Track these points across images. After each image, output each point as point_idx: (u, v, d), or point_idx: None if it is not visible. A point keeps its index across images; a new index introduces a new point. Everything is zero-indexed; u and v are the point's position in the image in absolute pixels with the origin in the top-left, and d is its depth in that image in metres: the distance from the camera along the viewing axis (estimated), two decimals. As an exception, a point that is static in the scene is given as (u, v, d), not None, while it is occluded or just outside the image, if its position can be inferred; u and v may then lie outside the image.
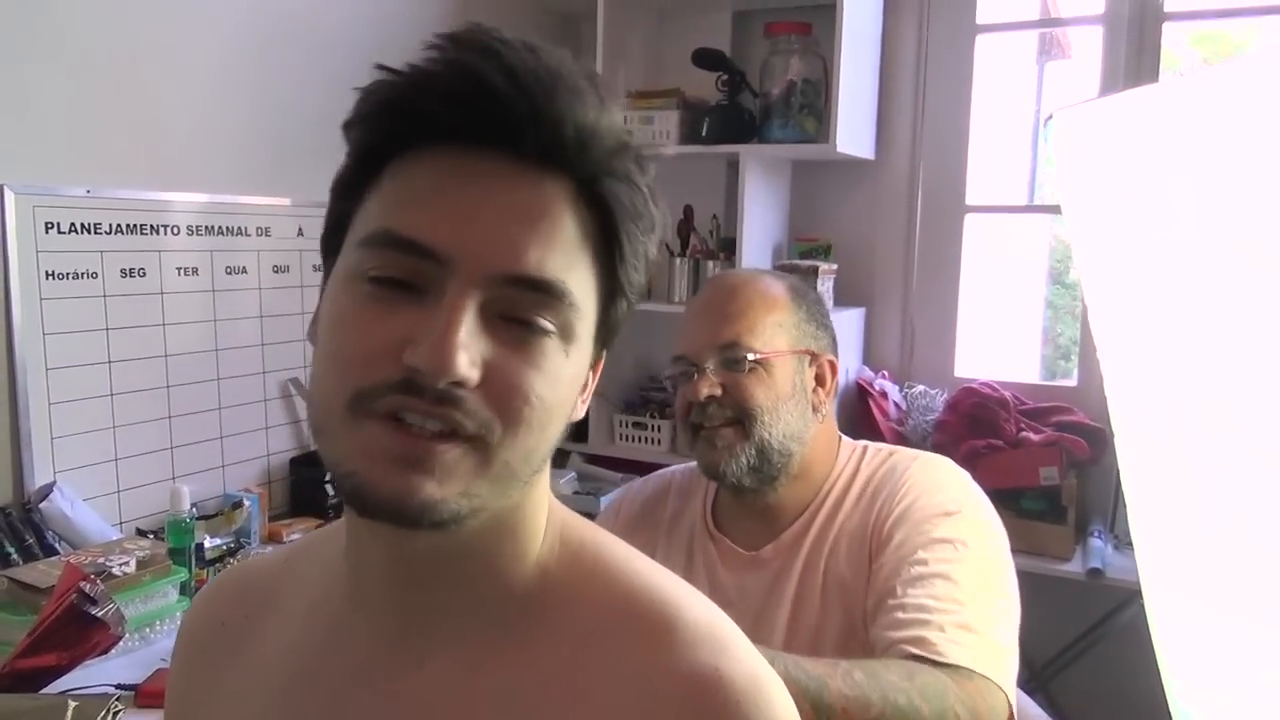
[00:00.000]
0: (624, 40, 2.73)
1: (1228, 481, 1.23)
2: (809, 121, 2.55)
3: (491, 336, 0.52)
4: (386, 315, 0.51)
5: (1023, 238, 4.49)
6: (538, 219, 0.52)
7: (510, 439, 0.52)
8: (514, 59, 0.51)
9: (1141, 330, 1.37)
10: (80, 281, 1.86)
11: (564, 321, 0.54)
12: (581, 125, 0.52)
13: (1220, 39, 4.83)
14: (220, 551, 1.95)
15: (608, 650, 0.58)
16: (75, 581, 1.41)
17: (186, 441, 2.08)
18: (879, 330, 2.80)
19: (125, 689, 1.45)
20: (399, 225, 0.52)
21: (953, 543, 1.11)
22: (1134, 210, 1.38)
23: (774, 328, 1.20)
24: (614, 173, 0.54)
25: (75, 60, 1.83)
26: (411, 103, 0.52)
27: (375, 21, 2.43)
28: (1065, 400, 2.53)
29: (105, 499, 1.93)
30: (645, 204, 0.56)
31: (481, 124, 0.51)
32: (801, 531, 1.22)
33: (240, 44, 2.14)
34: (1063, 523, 2.33)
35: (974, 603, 1.07)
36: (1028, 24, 3.17)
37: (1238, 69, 1.34)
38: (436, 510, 0.51)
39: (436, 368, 0.49)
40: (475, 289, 0.51)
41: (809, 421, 1.22)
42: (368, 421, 0.51)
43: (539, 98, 0.51)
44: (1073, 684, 2.52)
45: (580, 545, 0.63)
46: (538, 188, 0.53)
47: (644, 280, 0.59)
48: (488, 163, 0.52)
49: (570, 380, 0.56)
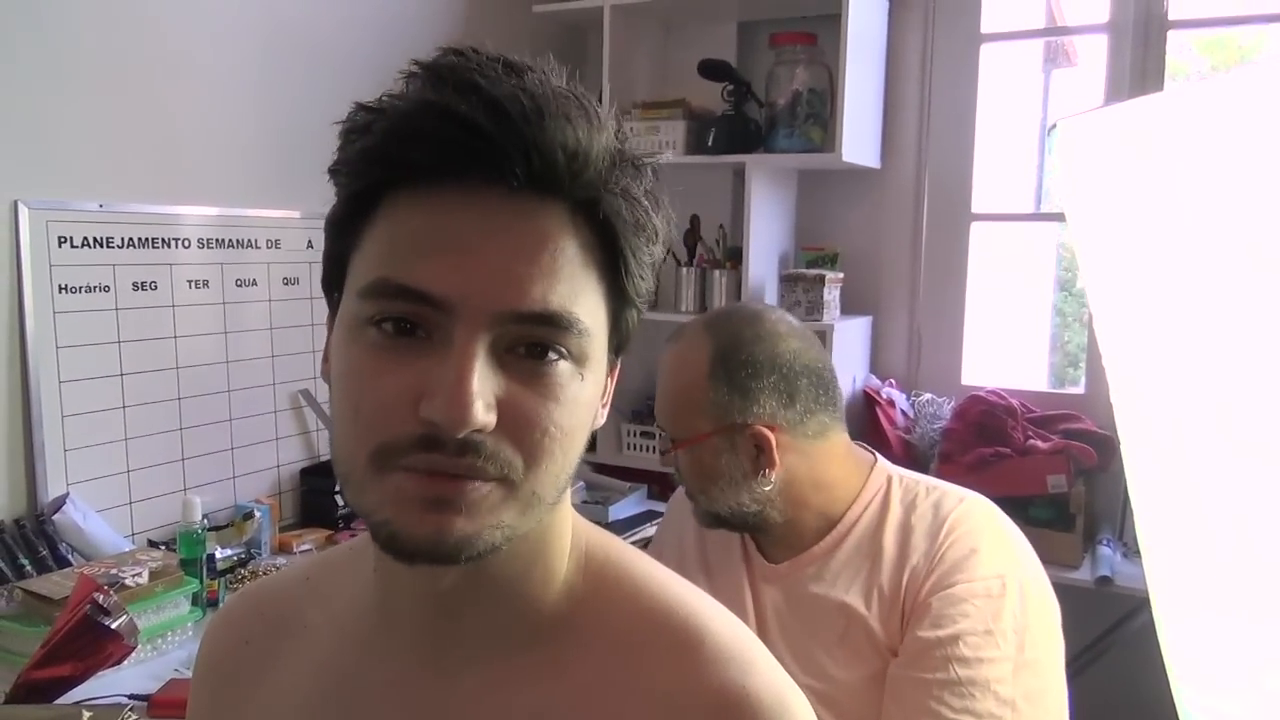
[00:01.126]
0: (630, 51, 2.75)
1: (1237, 486, 1.23)
2: (814, 131, 2.56)
3: (504, 373, 0.52)
4: (398, 366, 0.51)
5: (1030, 246, 4.49)
6: (538, 251, 0.51)
7: (534, 471, 0.52)
8: (496, 91, 0.50)
9: (1148, 337, 1.37)
10: (93, 295, 1.88)
11: (575, 347, 0.53)
12: (573, 150, 0.51)
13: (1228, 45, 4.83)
14: (231, 562, 1.96)
15: (636, 668, 0.58)
16: (88, 592, 1.42)
17: (198, 453, 2.10)
18: (886, 339, 2.81)
19: (138, 699, 1.46)
20: (398, 274, 0.51)
21: (994, 635, 1.05)
22: (1140, 218, 1.38)
23: (691, 412, 1.17)
24: (611, 190, 0.53)
25: (87, 77, 1.85)
26: (396, 152, 0.51)
27: (384, 34, 2.45)
28: (1073, 408, 2.53)
29: (117, 510, 1.95)
30: (646, 215, 0.55)
31: (470, 163, 0.50)
32: (823, 556, 1.18)
33: (250, 58, 2.16)
34: (1071, 531, 2.33)
35: (1014, 717, 1.03)
36: (1033, 33, 3.17)
37: (1244, 77, 1.34)
38: (471, 545, 0.51)
39: (453, 420, 0.49)
40: (482, 331, 0.50)
41: (753, 489, 1.17)
42: (394, 474, 0.51)
43: (526, 129, 0.50)
44: (1082, 692, 2.50)
45: (605, 561, 0.64)
46: (535, 218, 0.52)
47: (652, 287, 0.59)
48: (481, 199, 0.51)
49: (589, 401, 0.56)
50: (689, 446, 1.18)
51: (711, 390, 1.16)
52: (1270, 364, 1.21)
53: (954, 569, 1.09)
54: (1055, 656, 1.10)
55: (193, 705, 0.71)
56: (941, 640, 1.05)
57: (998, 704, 1.03)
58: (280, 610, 0.69)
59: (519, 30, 2.84)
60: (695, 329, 1.23)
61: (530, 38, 2.89)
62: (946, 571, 1.09)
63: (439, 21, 2.67)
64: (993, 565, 1.09)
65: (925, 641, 1.06)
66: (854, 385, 2.67)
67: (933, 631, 1.06)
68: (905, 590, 1.11)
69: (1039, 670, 1.07)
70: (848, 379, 2.62)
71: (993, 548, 1.11)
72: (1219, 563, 1.27)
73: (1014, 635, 1.06)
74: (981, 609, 1.06)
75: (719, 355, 1.18)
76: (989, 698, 1.03)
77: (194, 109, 2.05)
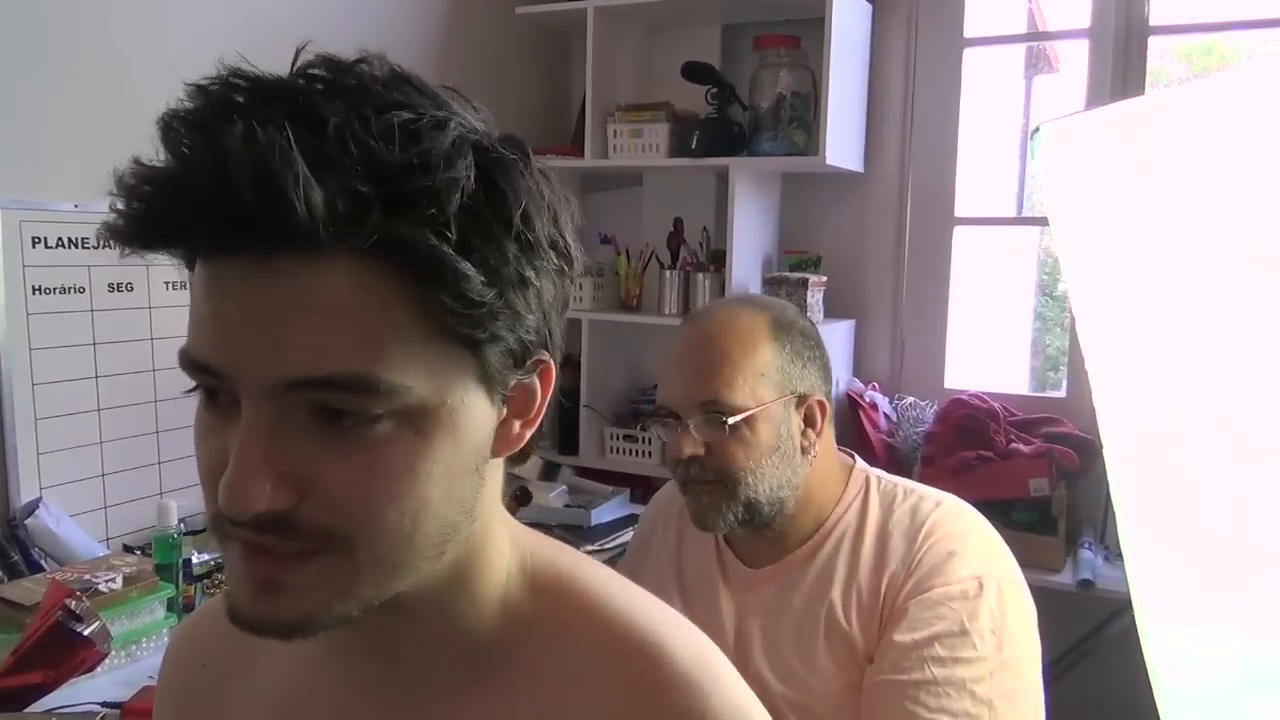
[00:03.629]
0: (614, 54, 2.74)
1: (1222, 487, 1.24)
2: (798, 134, 2.56)
3: (310, 442, 0.47)
4: (213, 431, 0.49)
5: (1012, 250, 4.52)
6: (303, 310, 0.45)
7: (366, 542, 0.48)
8: (187, 149, 0.45)
9: (1132, 340, 1.38)
10: (67, 296, 1.85)
11: (387, 405, 0.47)
12: (280, 207, 0.42)
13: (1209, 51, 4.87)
14: (208, 567, 1.93)
15: (591, 695, 0.56)
16: (60, 599, 1.40)
17: (175, 457, 2.07)
18: (869, 342, 2.81)
19: (111, 706, 1.43)
20: (189, 347, 0.48)
21: (970, 635, 1.05)
22: (1122, 221, 1.38)
23: (755, 378, 1.12)
24: (382, 234, 0.45)
25: (63, 75, 1.83)
26: (129, 232, 0.46)
27: (365, 36, 2.42)
28: (1054, 411, 2.54)
29: (92, 515, 1.92)
30: (440, 255, 0.45)
31: (194, 234, 0.45)
32: (805, 559, 1.18)
33: (228, 57, 2.14)
34: (1053, 534, 2.34)
35: (992, 716, 1.02)
36: (1015, 38, 3.19)
37: (1225, 81, 1.35)
38: (306, 625, 0.49)
39: (233, 508, 0.46)
40: (264, 403, 0.46)
41: (798, 467, 1.16)
42: (230, 543, 0.49)
43: (217, 193, 0.43)
44: (1064, 695, 2.51)
45: (555, 580, 0.60)
46: (299, 274, 0.45)
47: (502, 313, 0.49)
48: (244, 264, 0.45)
49: (441, 455, 0.49)
50: (751, 418, 1.12)
51: (774, 356, 1.14)
52: (1257, 365, 1.22)
53: (931, 573, 1.09)
54: (1032, 657, 1.09)
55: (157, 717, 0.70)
56: (918, 643, 1.05)
57: (974, 703, 1.02)
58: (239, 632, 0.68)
59: (502, 32, 2.83)
60: (731, 304, 1.19)
61: (513, 40, 2.87)
62: (924, 576, 1.09)
63: (421, 23, 2.65)
64: (969, 567, 1.09)
65: (901, 645, 1.06)
66: (837, 389, 2.66)
67: (909, 635, 1.06)
68: (884, 595, 1.10)
69: (1016, 671, 1.06)
70: (832, 385, 2.62)
71: (969, 550, 1.11)
72: (1202, 566, 1.27)
73: (991, 635, 1.05)
74: (958, 610, 1.06)
75: (776, 322, 1.16)
76: (965, 697, 1.02)
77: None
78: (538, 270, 0.50)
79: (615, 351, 2.89)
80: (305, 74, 0.49)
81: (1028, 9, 4.01)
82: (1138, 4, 2.42)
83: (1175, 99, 1.42)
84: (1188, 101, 1.41)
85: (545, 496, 2.48)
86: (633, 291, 2.78)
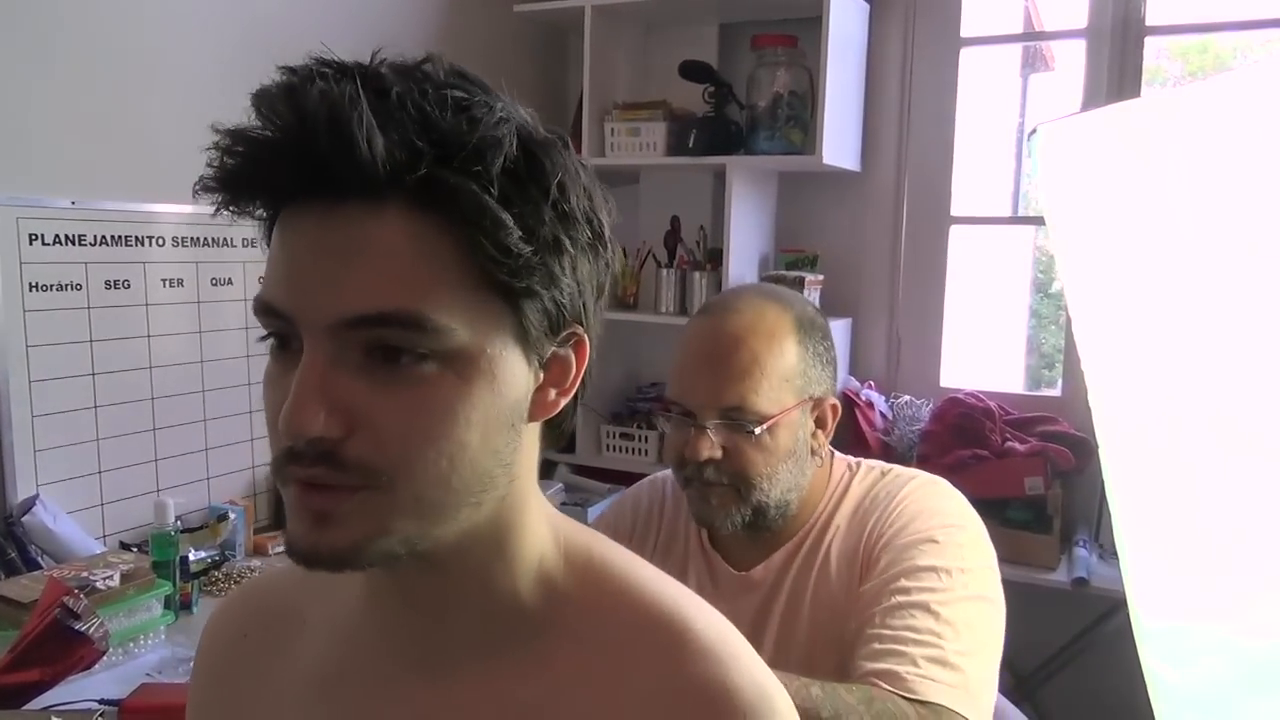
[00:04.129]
0: (611, 53, 2.74)
1: (1220, 486, 1.24)
2: (795, 133, 2.56)
3: (363, 380, 0.52)
4: (280, 380, 0.53)
5: (1008, 249, 4.53)
6: (362, 253, 0.51)
7: (406, 478, 0.52)
8: (271, 110, 0.50)
9: (1128, 340, 1.38)
10: (64, 293, 1.85)
11: (435, 345, 0.52)
12: (350, 153, 0.49)
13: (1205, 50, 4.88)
14: (205, 564, 1.94)
15: (621, 664, 0.59)
16: (58, 596, 1.40)
17: (171, 454, 2.07)
18: (865, 341, 2.82)
19: (109, 704, 1.43)
20: (262, 290, 0.54)
21: (937, 571, 1.08)
22: (1119, 222, 1.39)
23: (780, 384, 1.10)
24: (430, 181, 0.50)
25: (60, 72, 1.82)
26: (220, 186, 0.53)
27: (363, 33, 2.43)
28: (1050, 410, 2.55)
29: (89, 512, 1.92)
30: (487, 202, 0.51)
31: (274, 186, 0.52)
32: (792, 552, 1.19)
33: (226, 55, 2.14)
34: (1048, 532, 2.34)
35: (952, 636, 1.04)
36: (1012, 37, 3.19)
37: (1221, 83, 1.36)
38: (355, 556, 0.53)
39: (288, 432, 0.51)
40: (323, 339, 0.51)
41: (807, 470, 1.17)
42: (288, 486, 0.53)
43: (296, 144, 0.49)
44: (1059, 693, 2.53)
45: (587, 557, 0.64)
46: (360, 221, 0.51)
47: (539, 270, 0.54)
48: (312, 213, 0.52)
49: (479, 401, 0.54)
50: (773, 423, 1.10)
51: (799, 359, 1.12)
52: (1251, 363, 1.22)
53: (903, 528, 1.12)
54: (993, 604, 1.12)
55: (192, 697, 0.73)
56: (885, 581, 1.08)
57: (937, 622, 1.04)
58: (279, 606, 0.71)
59: (499, 30, 2.83)
60: (753, 297, 1.16)
61: (511, 38, 2.87)
62: (897, 531, 1.12)
63: (418, 20, 2.65)
64: (939, 519, 1.13)
65: (870, 589, 1.09)
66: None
67: (878, 579, 1.09)
68: (861, 551, 1.14)
69: (980, 609, 1.09)
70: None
71: (940, 507, 1.14)
72: (1197, 562, 1.28)
73: (958, 574, 1.08)
74: (925, 551, 1.09)
75: (800, 322, 1.14)
76: (928, 617, 1.05)
77: (169, 106, 2.02)
78: (572, 240, 0.55)
79: (612, 350, 2.89)
80: (378, 60, 0.54)
81: (1024, 8, 4.01)
82: (1134, 4, 2.43)
83: (1172, 101, 1.42)
84: (1185, 103, 1.42)
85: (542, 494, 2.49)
86: (630, 290, 2.78)
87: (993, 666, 1.09)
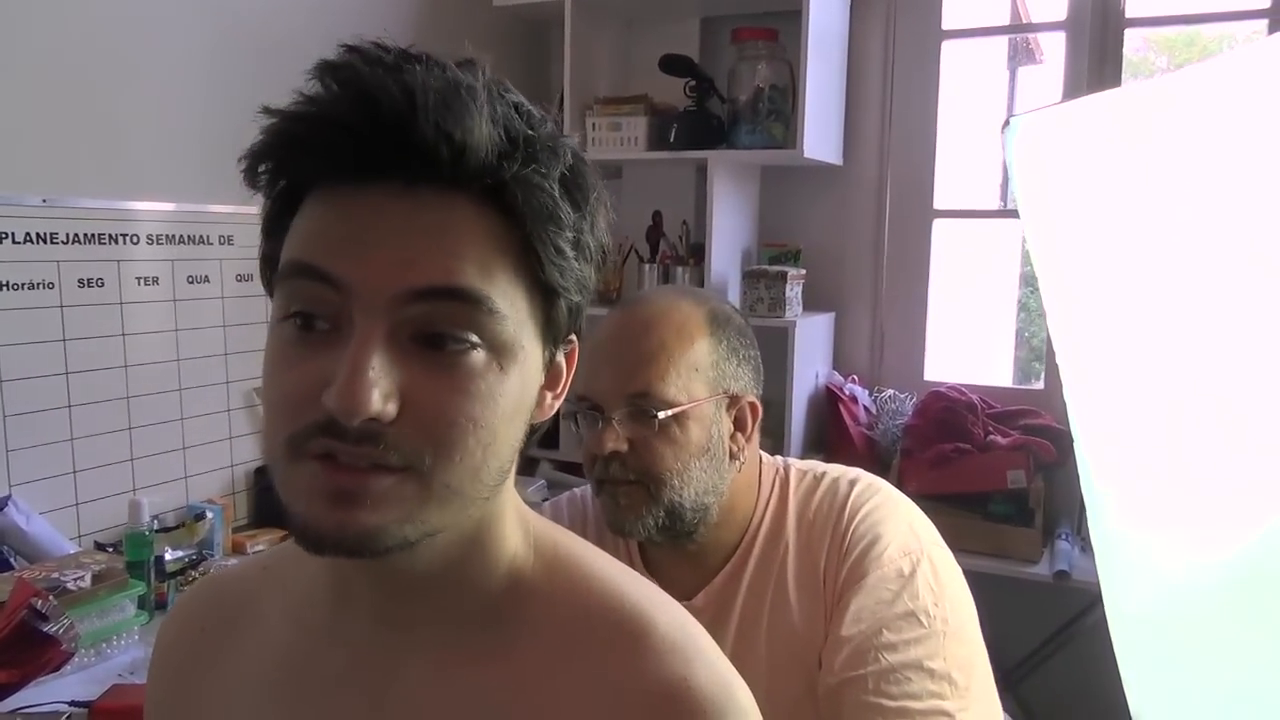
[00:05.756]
0: (592, 47, 2.73)
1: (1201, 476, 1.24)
2: (776, 127, 2.55)
3: (410, 362, 0.52)
4: (309, 357, 0.52)
5: (997, 242, 4.53)
6: (436, 234, 0.52)
7: (445, 464, 0.52)
8: (372, 88, 0.50)
9: (1103, 331, 1.38)
10: (36, 292, 1.83)
11: (489, 332, 0.53)
12: (454, 139, 0.50)
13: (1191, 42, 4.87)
14: (182, 564, 1.92)
15: (581, 658, 0.60)
16: (26, 598, 1.39)
17: (148, 453, 2.05)
18: (848, 335, 2.81)
19: (80, 705, 1.42)
20: (302, 254, 0.53)
21: (916, 615, 1.04)
22: (1095, 214, 1.38)
23: (689, 373, 1.06)
24: (510, 178, 0.53)
25: (30, 68, 1.80)
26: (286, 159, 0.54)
27: (339, 26, 2.40)
28: (1033, 403, 2.55)
29: (63, 512, 1.90)
30: (554, 202, 0.54)
31: (358, 158, 0.51)
32: (734, 575, 1.12)
33: (202, 50, 2.12)
34: (1030, 526, 2.34)
35: (950, 690, 1.02)
36: (993, 30, 3.20)
37: (1197, 72, 1.35)
38: (377, 539, 0.52)
39: (347, 408, 0.49)
40: (381, 315, 0.51)
41: (725, 472, 1.10)
42: (305, 462, 0.52)
43: (401, 122, 0.50)
44: (1042, 686, 2.53)
45: (554, 552, 0.65)
46: (434, 205, 0.52)
47: (581, 276, 0.58)
48: (380, 193, 0.52)
49: (512, 392, 0.55)
50: (681, 413, 1.06)
51: (710, 351, 1.09)
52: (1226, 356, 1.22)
53: (861, 558, 1.07)
54: (971, 615, 1.09)
55: (150, 695, 0.72)
56: (865, 634, 1.04)
57: (934, 681, 1.02)
58: (238, 599, 0.70)
59: (479, 25, 2.81)
60: (667, 293, 1.13)
61: (491, 32, 2.85)
62: (855, 562, 1.07)
63: (395, 14, 2.64)
64: (897, 544, 1.08)
65: (849, 640, 1.04)
66: (816, 381, 2.67)
67: (855, 627, 1.04)
68: (824, 584, 1.08)
69: (962, 635, 1.06)
70: (810, 375, 2.62)
71: (893, 527, 1.09)
72: (1169, 567, 1.28)
73: (934, 609, 1.05)
74: (896, 591, 1.05)
75: (713, 317, 1.11)
76: (924, 677, 1.02)
77: (142, 101, 2.00)
78: (595, 253, 0.59)
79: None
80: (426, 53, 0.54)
81: (1011, 1, 4.01)
82: (1114, -4, 2.42)
83: (1148, 91, 1.42)
84: (1162, 93, 1.41)
85: (524, 490, 2.48)
86: (612, 285, 2.77)
87: (989, 683, 1.07)
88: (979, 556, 2.25)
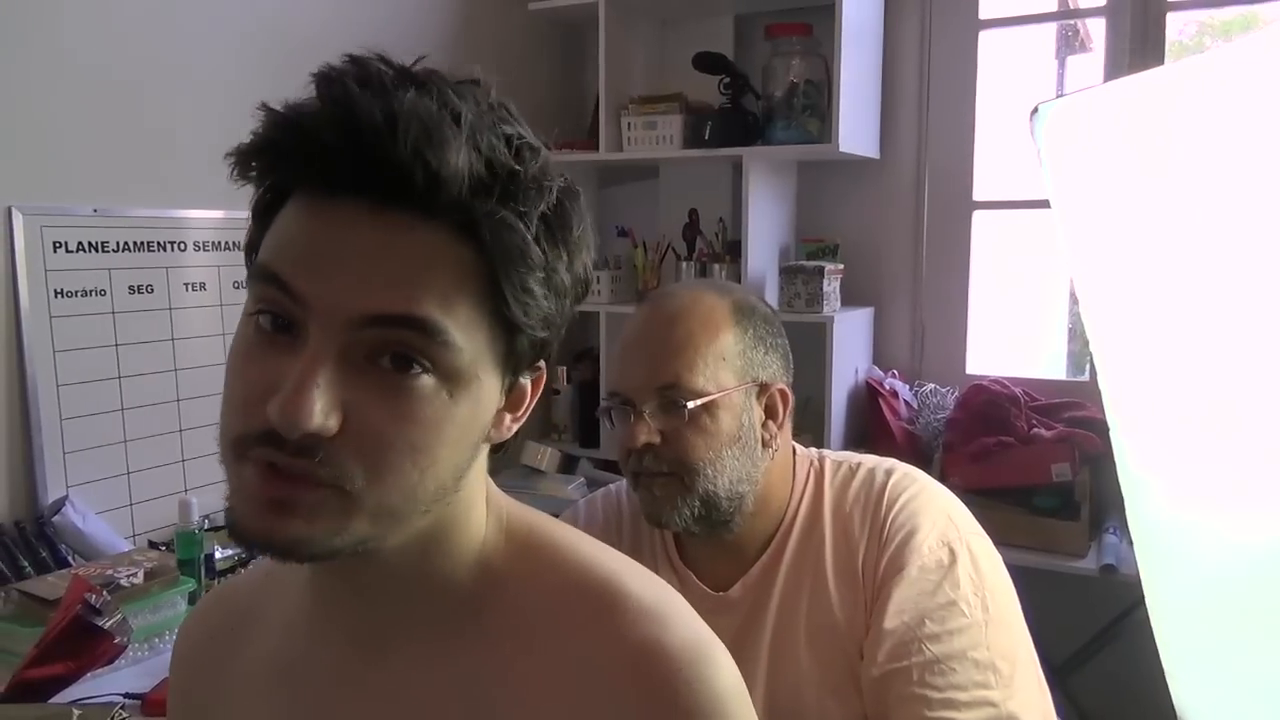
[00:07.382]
0: (626, 47, 2.74)
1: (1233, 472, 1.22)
2: (812, 122, 2.54)
3: (360, 380, 0.52)
4: (264, 359, 0.53)
5: (1047, 233, 4.44)
6: (402, 259, 0.52)
7: (376, 486, 0.53)
8: (360, 108, 0.50)
9: (1137, 320, 1.36)
10: (89, 299, 1.90)
11: (440, 361, 0.53)
12: (430, 167, 0.50)
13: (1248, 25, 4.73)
14: (231, 562, 1.97)
15: (558, 633, 0.61)
16: (81, 594, 1.44)
17: (197, 454, 2.11)
18: (888, 329, 2.79)
19: (133, 698, 1.47)
20: (271, 262, 0.54)
21: (958, 604, 1.04)
22: (1127, 201, 1.36)
23: (717, 362, 1.08)
24: (483, 215, 0.53)
25: (81, 80, 1.87)
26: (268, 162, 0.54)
27: (380, 34, 2.44)
28: (1078, 395, 2.51)
29: (118, 512, 1.97)
30: (525, 244, 0.54)
31: (334, 174, 0.52)
32: (771, 566, 1.13)
33: (245, 60, 2.17)
34: (1076, 519, 2.30)
35: (995, 679, 1.01)
36: (1031, 18, 3.12)
37: (1226, 54, 1.32)
38: (304, 547, 0.53)
39: (288, 423, 0.50)
40: (335, 334, 0.52)
41: (759, 460, 1.11)
42: (245, 464, 0.53)
43: (379, 144, 0.50)
44: (1090, 681, 2.49)
45: (528, 536, 0.66)
46: (405, 229, 0.52)
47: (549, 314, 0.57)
48: (355, 206, 0.52)
49: (460, 419, 0.56)
50: (712, 404, 1.07)
51: (736, 340, 1.10)
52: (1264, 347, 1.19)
53: (901, 548, 1.07)
54: (1013, 602, 1.09)
55: (170, 700, 0.76)
56: (908, 625, 1.04)
57: (979, 670, 1.02)
58: (243, 604, 0.73)
59: (515, 28, 2.85)
60: (692, 287, 1.15)
61: (526, 35, 2.88)
62: (895, 553, 1.07)
63: (434, 20, 2.67)
64: (936, 534, 1.08)
65: (893, 632, 1.04)
66: (856, 377, 2.66)
67: (897, 619, 1.04)
68: (862, 577, 1.08)
69: (1005, 623, 1.06)
70: (849, 371, 2.61)
71: (931, 517, 1.09)
72: (1210, 554, 1.25)
73: (975, 598, 1.05)
74: (938, 582, 1.05)
75: (737, 307, 1.12)
76: (969, 667, 1.02)
77: (189, 112, 2.06)
78: (571, 290, 0.59)
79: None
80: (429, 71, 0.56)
81: (1056, -12, 3.93)
82: (1156, -21, 2.38)
83: (1176, 74, 1.39)
84: (1194, 73, 1.38)
85: (564, 489, 2.49)
86: (650, 284, 2.78)
87: (1034, 669, 1.07)
88: (1024, 551, 2.22)
